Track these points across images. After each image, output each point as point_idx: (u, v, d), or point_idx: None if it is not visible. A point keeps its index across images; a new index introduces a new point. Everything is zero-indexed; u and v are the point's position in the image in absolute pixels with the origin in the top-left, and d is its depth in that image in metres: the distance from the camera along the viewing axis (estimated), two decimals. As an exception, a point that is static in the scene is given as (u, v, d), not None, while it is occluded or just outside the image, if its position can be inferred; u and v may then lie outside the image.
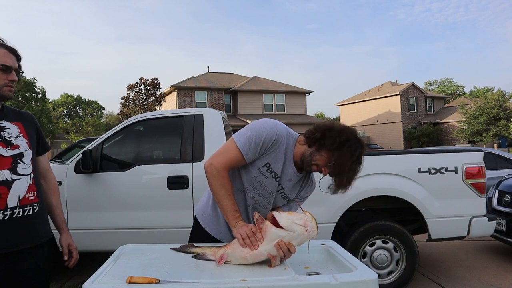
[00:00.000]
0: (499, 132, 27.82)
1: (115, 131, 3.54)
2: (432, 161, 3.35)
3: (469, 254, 4.57)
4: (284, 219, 1.33)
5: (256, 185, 1.61)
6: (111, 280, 1.21)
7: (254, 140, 1.52)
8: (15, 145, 1.53)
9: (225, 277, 1.25)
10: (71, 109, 55.11)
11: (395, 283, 3.29)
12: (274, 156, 1.56)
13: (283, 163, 1.59)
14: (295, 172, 1.61)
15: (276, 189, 1.63)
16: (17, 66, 1.55)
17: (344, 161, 1.45)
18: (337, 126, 1.51)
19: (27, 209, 1.52)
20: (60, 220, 1.75)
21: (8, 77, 1.50)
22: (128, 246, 1.59)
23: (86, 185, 3.35)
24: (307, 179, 1.71)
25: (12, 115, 1.60)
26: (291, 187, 1.65)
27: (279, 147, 1.56)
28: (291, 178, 1.62)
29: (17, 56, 1.56)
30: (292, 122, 25.65)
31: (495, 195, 4.49)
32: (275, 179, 1.60)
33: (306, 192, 1.73)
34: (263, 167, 1.57)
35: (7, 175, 1.46)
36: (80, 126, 29.16)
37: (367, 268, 1.29)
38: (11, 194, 1.46)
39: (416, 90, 34.29)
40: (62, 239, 1.73)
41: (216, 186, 1.52)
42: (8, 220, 1.45)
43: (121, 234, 3.29)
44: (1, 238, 1.44)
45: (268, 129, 1.54)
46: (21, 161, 1.52)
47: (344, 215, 3.29)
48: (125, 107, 23.63)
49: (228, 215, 1.49)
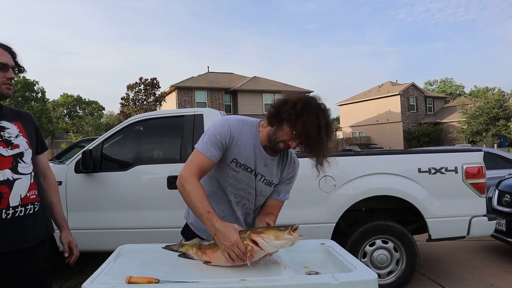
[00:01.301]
0: (499, 132, 27.81)
1: (115, 131, 3.54)
2: (432, 161, 3.35)
3: (469, 254, 4.57)
4: (271, 247, 1.28)
5: (231, 181, 1.61)
6: (111, 280, 1.21)
7: (211, 140, 1.52)
8: (15, 144, 1.53)
9: (225, 276, 1.25)
10: (71, 109, 55.13)
11: (395, 283, 3.29)
12: (238, 149, 1.56)
13: (252, 153, 1.57)
14: (267, 156, 1.59)
15: (255, 180, 1.61)
16: (13, 64, 1.54)
17: (307, 128, 1.40)
18: (293, 97, 1.48)
19: (29, 207, 1.53)
20: (60, 217, 1.77)
21: (5, 75, 1.50)
22: (127, 246, 1.59)
23: (86, 185, 3.34)
24: (286, 159, 1.68)
25: (11, 115, 1.60)
26: (271, 172, 1.63)
27: (239, 139, 1.55)
28: (266, 164, 1.60)
29: (12, 53, 1.55)
30: (292, 122, 25.66)
31: (495, 195, 4.49)
32: (247, 171, 1.59)
33: (289, 172, 1.69)
34: (231, 163, 1.57)
35: (9, 175, 1.47)
36: (80, 126, 29.17)
37: (367, 268, 1.29)
38: (13, 193, 1.47)
39: (416, 90, 34.29)
40: (62, 237, 1.74)
41: (185, 194, 1.48)
42: (11, 219, 1.47)
43: (121, 234, 3.29)
44: (4, 237, 1.46)
45: (220, 126, 1.55)
46: (22, 161, 1.53)
47: (344, 215, 3.29)
48: (125, 107, 23.63)
49: (202, 219, 1.44)
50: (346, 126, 38.09)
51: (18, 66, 1.59)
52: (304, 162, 3.40)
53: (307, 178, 3.35)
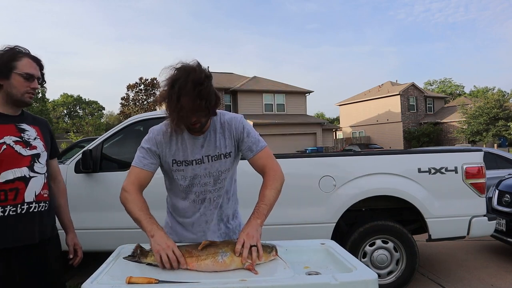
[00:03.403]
0: (499, 132, 27.81)
1: (115, 131, 3.54)
2: (432, 161, 3.35)
3: (469, 254, 4.57)
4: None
5: (184, 182, 1.61)
6: (111, 280, 1.21)
7: (140, 152, 1.61)
8: (33, 146, 1.67)
9: (225, 277, 1.25)
10: (71, 109, 55.12)
11: (395, 283, 3.29)
12: (169, 150, 1.59)
13: (181, 145, 1.58)
14: (194, 137, 1.58)
15: (203, 164, 1.58)
16: (39, 75, 1.68)
17: (168, 105, 1.42)
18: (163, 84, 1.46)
19: (42, 205, 1.66)
20: (68, 220, 1.90)
21: (30, 85, 1.64)
22: (127, 246, 1.59)
23: (86, 185, 3.34)
24: (221, 125, 1.61)
25: (30, 119, 1.75)
26: (213, 146, 1.59)
27: (166, 141, 1.59)
28: (202, 144, 1.58)
29: (41, 65, 1.69)
30: (292, 122, 25.67)
31: (495, 195, 4.49)
32: (190, 165, 1.58)
33: (237, 128, 1.60)
34: (173, 166, 1.60)
35: (26, 172, 1.61)
36: (80, 126, 29.17)
37: (367, 268, 1.29)
38: (28, 189, 1.60)
39: (416, 90, 34.29)
40: (68, 239, 1.87)
41: (125, 203, 1.54)
42: (25, 214, 1.59)
43: (121, 234, 3.28)
44: (18, 231, 1.57)
45: (146, 137, 1.63)
46: (38, 161, 1.67)
47: (344, 215, 3.29)
48: (125, 107, 23.64)
49: (143, 224, 1.45)
50: (346, 126, 38.10)
51: (43, 78, 1.72)
52: (304, 162, 3.42)
53: (307, 177, 3.37)
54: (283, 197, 1.77)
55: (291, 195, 3.22)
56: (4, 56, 1.59)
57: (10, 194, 1.56)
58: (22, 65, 1.61)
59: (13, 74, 1.59)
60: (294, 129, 25.61)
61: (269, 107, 26.37)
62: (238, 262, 1.31)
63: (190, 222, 1.65)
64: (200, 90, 1.38)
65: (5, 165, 1.55)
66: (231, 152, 1.62)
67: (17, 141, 1.61)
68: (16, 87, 1.61)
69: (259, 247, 1.35)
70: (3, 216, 1.54)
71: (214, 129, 1.60)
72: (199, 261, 1.31)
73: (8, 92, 1.61)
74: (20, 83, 1.61)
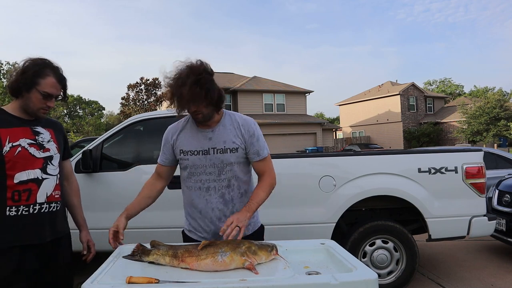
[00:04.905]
0: (499, 132, 27.79)
1: (115, 131, 3.54)
2: (432, 161, 3.35)
3: (469, 254, 4.57)
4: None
5: (190, 171, 1.75)
6: (111, 280, 1.21)
7: (161, 148, 1.86)
8: (47, 148, 1.74)
9: (225, 276, 1.25)
10: (71, 109, 55.07)
11: (395, 283, 3.29)
12: (180, 142, 1.77)
13: (190, 137, 1.75)
14: (205, 131, 1.73)
15: (208, 155, 1.71)
16: (58, 94, 1.73)
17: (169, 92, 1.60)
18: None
19: (53, 205, 1.73)
20: (81, 218, 1.99)
21: (47, 102, 1.69)
22: (127, 245, 1.59)
23: (86, 185, 3.34)
24: (231, 125, 1.75)
25: (45, 122, 1.80)
26: (218, 140, 1.72)
27: (178, 134, 1.78)
28: (211, 137, 1.72)
29: (64, 86, 1.74)
30: (292, 122, 25.67)
31: (495, 195, 4.49)
32: (197, 155, 1.72)
33: (248, 130, 1.75)
34: (180, 155, 1.77)
35: (38, 174, 1.67)
36: (80, 126, 29.17)
37: (367, 268, 1.29)
38: (41, 191, 1.67)
39: (416, 90, 34.28)
40: (82, 236, 1.96)
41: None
42: (37, 214, 1.66)
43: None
44: (29, 231, 1.64)
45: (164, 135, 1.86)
46: (51, 163, 1.74)
47: (344, 215, 3.28)
48: (125, 107, 23.64)
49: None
50: (346, 126, 38.09)
51: (64, 95, 1.78)
52: (304, 162, 3.42)
53: (307, 177, 3.37)
54: (283, 197, 1.78)
55: (291, 195, 3.22)
56: (31, 70, 1.63)
57: (24, 194, 1.63)
58: (45, 84, 1.65)
59: (34, 89, 1.64)
60: (294, 129, 25.60)
61: (269, 107, 26.36)
62: (238, 261, 1.31)
63: (198, 210, 1.77)
64: (199, 79, 1.55)
65: (19, 166, 1.62)
66: (238, 148, 1.73)
67: (32, 143, 1.68)
68: (33, 102, 1.66)
69: (242, 231, 1.51)
70: (17, 216, 1.61)
71: (223, 125, 1.74)
72: (199, 261, 1.32)
73: (25, 103, 1.67)
74: (38, 100, 1.66)
